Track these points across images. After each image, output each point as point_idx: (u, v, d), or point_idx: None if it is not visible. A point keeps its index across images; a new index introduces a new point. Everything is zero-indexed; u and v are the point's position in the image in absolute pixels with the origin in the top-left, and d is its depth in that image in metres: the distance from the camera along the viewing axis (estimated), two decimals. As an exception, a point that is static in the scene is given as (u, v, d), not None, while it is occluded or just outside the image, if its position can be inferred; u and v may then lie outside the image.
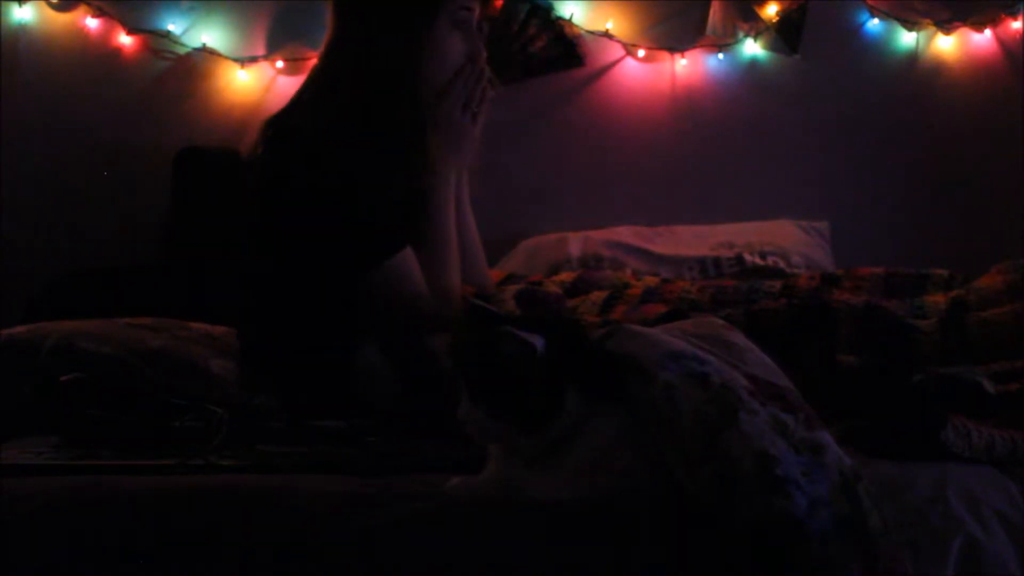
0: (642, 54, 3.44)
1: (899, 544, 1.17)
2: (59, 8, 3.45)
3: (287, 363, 1.84)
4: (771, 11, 3.39)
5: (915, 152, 3.40)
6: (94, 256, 3.31)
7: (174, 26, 3.45)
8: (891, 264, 2.09)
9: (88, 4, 3.44)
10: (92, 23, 3.44)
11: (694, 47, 3.43)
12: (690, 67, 3.44)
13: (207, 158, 3.29)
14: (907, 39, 3.40)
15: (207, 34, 3.45)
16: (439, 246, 1.93)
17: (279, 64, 3.45)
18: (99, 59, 3.45)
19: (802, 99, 3.42)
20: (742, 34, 3.41)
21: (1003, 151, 3.30)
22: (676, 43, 3.43)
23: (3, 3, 3.41)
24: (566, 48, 3.43)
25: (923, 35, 3.39)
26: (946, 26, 3.38)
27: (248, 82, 3.46)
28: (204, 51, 3.45)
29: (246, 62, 3.46)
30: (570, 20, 3.42)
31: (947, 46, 3.39)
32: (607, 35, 3.44)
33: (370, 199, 1.84)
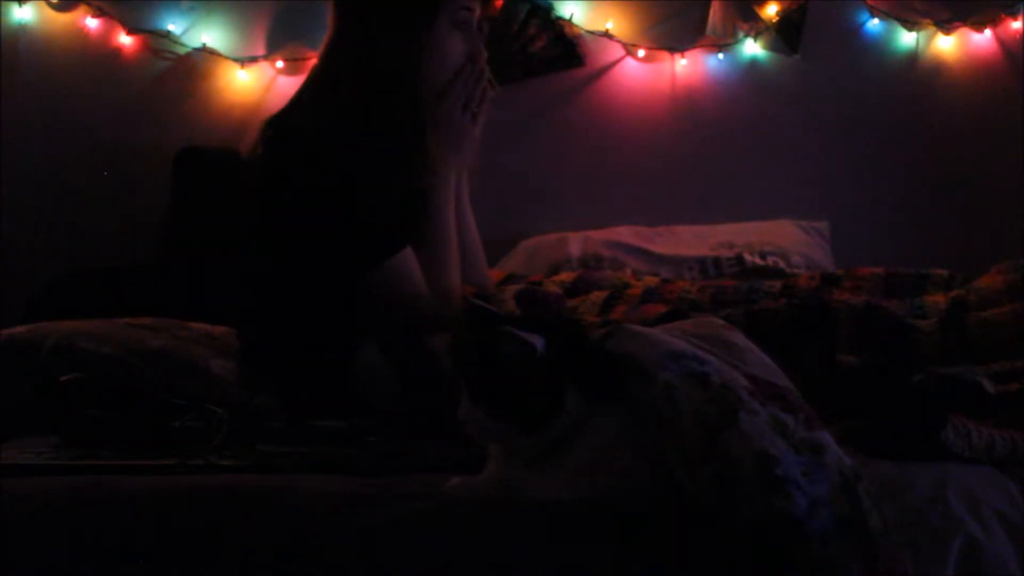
0: (642, 54, 3.44)
1: (899, 544, 1.17)
2: (59, 8, 3.45)
3: (287, 363, 1.84)
4: (771, 11, 3.39)
5: (915, 152, 3.40)
6: (94, 256, 3.31)
7: (174, 26, 3.45)
8: (891, 264, 2.09)
9: (88, 4, 3.44)
10: (92, 23, 3.44)
11: (694, 47, 3.43)
12: (690, 67, 3.44)
13: (207, 158, 3.29)
14: (907, 39, 3.40)
15: (207, 34, 3.45)
16: (439, 246, 1.93)
17: (279, 64, 3.45)
18: (99, 59, 3.45)
19: (802, 99, 3.42)
20: (742, 34, 3.41)
21: (1003, 151, 3.30)
22: (676, 43, 3.43)
23: (3, 3, 3.41)
24: (566, 48, 3.43)
25: (923, 35, 3.39)
26: (946, 26, 3.38)
27: (248, 82, 3.46)
28: (204, 51, 3.45)
29: (246, 62, 3.46)
30: (570, 20, 3.42)
31: (947, 46, 3.39)
32: (607, 35, 3.44)
33: (370, 199, 1.84)
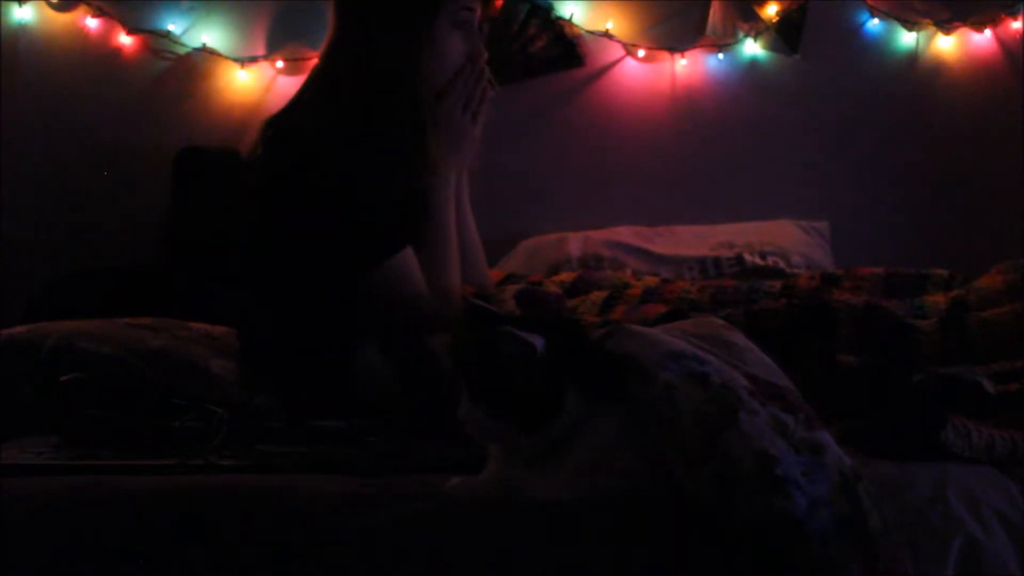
0: (642, 54, 3.44)
1: (899, 544, 1.17)
2: (59, 8, 3.45)
3: (287, 363, 1.84)
4: (771, 11, 3.40)
5: (915, 152, 3.40)
6: (94, 256, 3.31)
7: (174, 26, 3.45)
8: (891, 264, 2.09)
9: (88, 4, 3.44)
10: (92, 23, 3.44)
11: (694, 47, 3.43)
12: (690, 67, 3.44)
13: (207, 158, 3.30)
14: (907, 39, 3.40)
15: (207, 34, 3.45)
16: (439, 246, 1.93)
17: (279, 64, 3.45)
18: (99, 59, 3.45)
19: (802, 99, 3.42)
20: (742, 34, 3.41)
21: (1003, 151, 3.30)
22: (676, 43, 3.43)
23: (3, 3, 3.41)
24: (566, 48, 3.43)
25: (923, 35, 3.39)
26: (946, 26, 3.38)
27: (248, 82, 3.46)
28: (204, 51, 3.45)
29: (246, 62, 3.46)
30: (570, 20, 3.42)
31: (947, 46, 3.39)
32: (607, 35, 3.44)
33: (370, 199, 1.84)
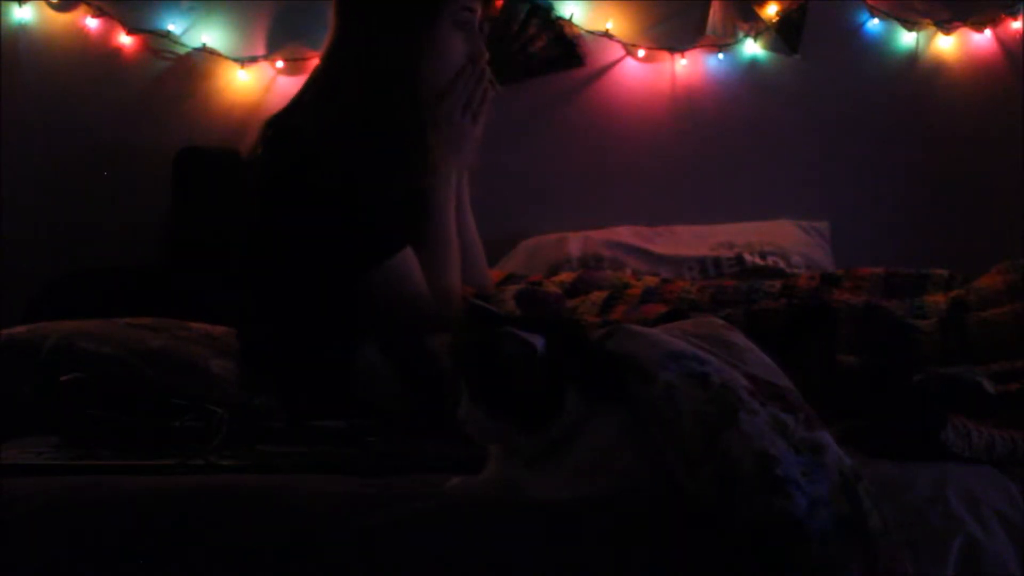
0: (642, 54, 3.44)
1: (899, 544, 1.17)
2: (59, 8, 3.45)
3: (287, 363, 1.84)
4: (771, 11, 3.39)
5: (915, 152, 3.40)
6: (94, 256, 3.31)
7: (174, 26, 3.45)
8: (891, 264, 2.09)
9: (88, 4, 3.43)
10: (92, 23, 3.44)
11: (694, 47, 3.43)
12: (690, 67, 3.44)
13: (207, 158, 3.30)
14: (907, 39, 3.40)
15: (207, 34, 3.45)
16: (439, 246, 1.93)
17: (279, 64, 3.45)
18: (99, 59, 3.45)
19: (802, 99, 3.42)
20: (742, 34, 3.41)
21: (1003, 151, 3.30)
22: (676, 43, 3.43)
23: (3, 3, 3.41)
24: (566, 48, 3.43)
25: (923, 35, 3.39)
26: (946, 26, 3.38)
27: (248, 82, 3.46)
28: (204, 51, 3.45)
29: (246, 62, 3.46)
30: (570, 20, 3.42)
31: (947, 46, 3.39)
32: (607, 35, 3.44)
33: (370, 199, 1.84)
